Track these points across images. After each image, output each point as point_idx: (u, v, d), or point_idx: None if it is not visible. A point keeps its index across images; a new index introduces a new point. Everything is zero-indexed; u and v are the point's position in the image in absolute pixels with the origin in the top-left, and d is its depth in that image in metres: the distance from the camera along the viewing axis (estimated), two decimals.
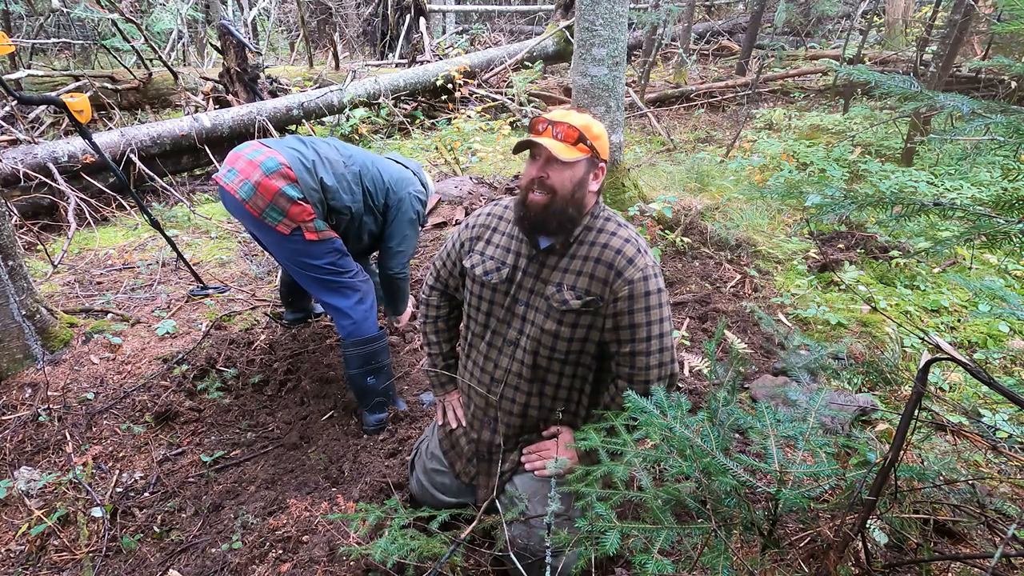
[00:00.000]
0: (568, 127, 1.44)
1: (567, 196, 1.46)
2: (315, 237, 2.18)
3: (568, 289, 1.52)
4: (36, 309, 2.59)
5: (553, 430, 1.69)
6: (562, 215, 1.48)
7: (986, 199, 4.28)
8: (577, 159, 1.45)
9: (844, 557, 1.14)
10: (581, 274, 1.52)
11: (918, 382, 1.03)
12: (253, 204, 2.10)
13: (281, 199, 2.09)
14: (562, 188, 1.46)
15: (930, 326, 3.02)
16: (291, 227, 2.14)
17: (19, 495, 2.07)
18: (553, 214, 1.47)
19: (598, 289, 1.50)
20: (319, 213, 2.19)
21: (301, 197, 2.12)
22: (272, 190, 2.08)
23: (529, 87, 6.94)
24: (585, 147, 1.46)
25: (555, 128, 1.44)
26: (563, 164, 1.44)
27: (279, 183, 2.09)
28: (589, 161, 1.49)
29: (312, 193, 2.15)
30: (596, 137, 1.48)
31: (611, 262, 1.50)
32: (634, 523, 1.14)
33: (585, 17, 3.52)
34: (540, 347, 1.56)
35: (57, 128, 5.58)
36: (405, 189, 2.49)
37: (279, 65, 8.77)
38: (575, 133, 1.44)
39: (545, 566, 1.25)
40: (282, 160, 2.12)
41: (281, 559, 1.83)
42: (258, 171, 2.09)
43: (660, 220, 3.76)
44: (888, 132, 6.00)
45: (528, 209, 1.49)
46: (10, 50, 3.62)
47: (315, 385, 2.67)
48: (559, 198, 1.46)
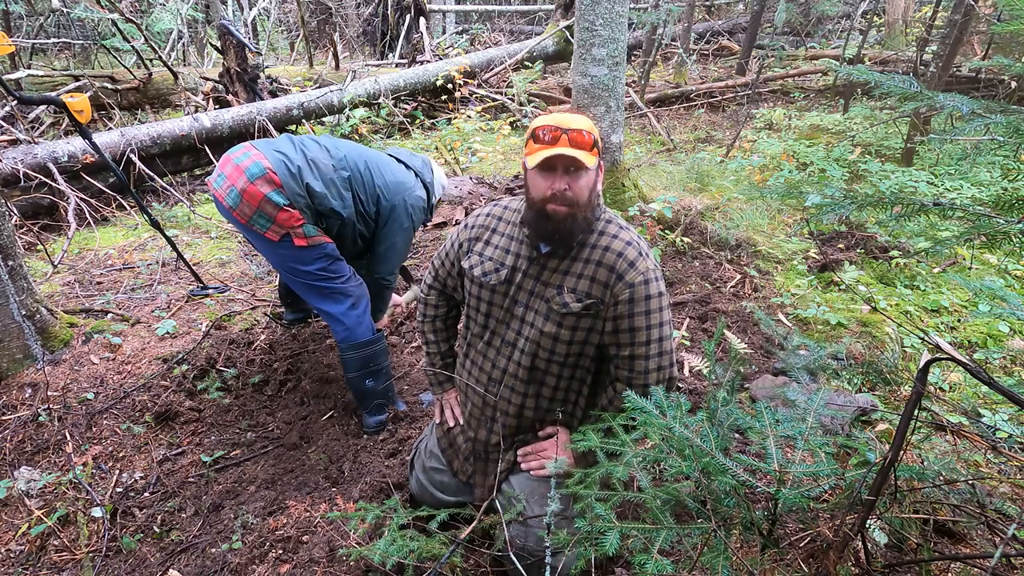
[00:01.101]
0: (579, 133, 1.40)
1: (586, 204, 1.45)
2: (305, 243, 2.15)
3: (568, 292, 1.51)
4: (36, 309, 2.59)
5: (550, 430, 1.68)
6: (584, 224, 1.47)
7: (986, 199, 4.28)
8: (595, 165, 1.45)
9: (844, 557, 1.14)
10: (582, 277, 1.51)
11: (918, 382, 1.03)
12: (240, 211, 2.08)
13: (267, 205, 2.07)
14: (582, 197, 1.43)
15: (930, 326, 3.02)
16: (280, 233, 2.11)
17: (19, 495, 2.07)
18: (577, 227, 1.46)
19: (599, 292, 1.50)
20: (308, 218, 2.15)
21: (287, 203, 2.09)
22: (258, 197, 2.05)
23: (529, 87, 6.94)
24: (597, 151, 1.45)
25: (570, 136, 1.40)
26: (581, 173, 1.42)
27: (264, 189, 2.06)
28: (599, 164, 1.49)
29: (298, 199, 2.12)
30: (598, 140, 1.48)
31: (612, 265, 1.49)
32: (634, 523, 1.14)
33: (585, 17, 3.52)
34: (539, 349, 1.56)
35: (57, 128, 5.58)
36: (398, 195, 2.38)
37: (279, 65, 8.77)
38: (591, 139, 1.41)
39: (544, 566, 1.25)
40: (267, 165, 2.08)
41: (281, 559, 1.83)
42: (243, 177, 2.06)
43: (660, 220, 3.76)
44: (888, 132, 6.00)
45: (552, 222, 1.44)
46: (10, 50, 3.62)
47: (315, 385, 2.67)
48: (581, 207, 1.44)
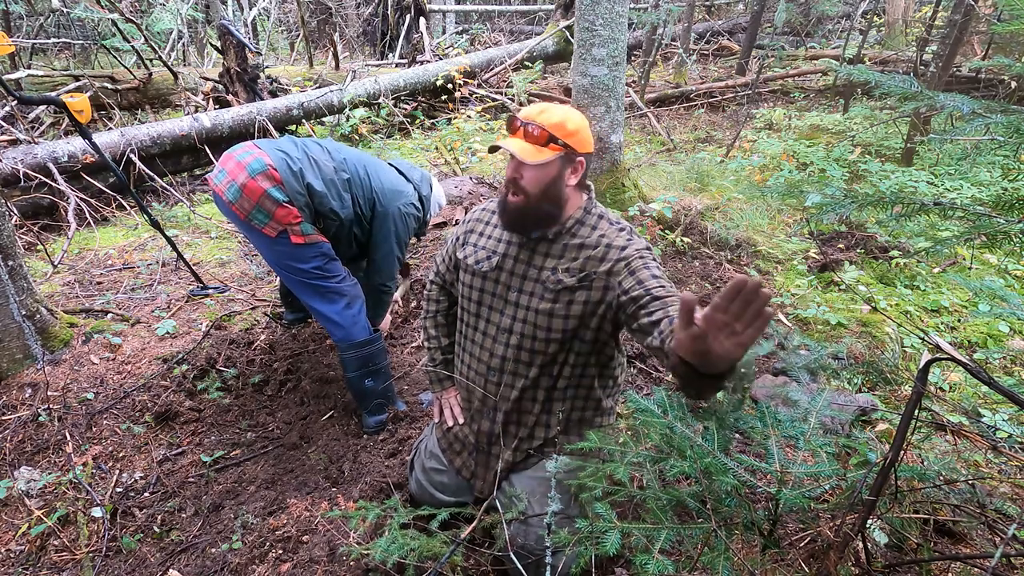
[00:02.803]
0: (538, 128, 1.44)
1: (539, 195, 1.48)
2: (301, 241, 2.16)
3: (563, 271, 1.54)
4: (36, 309, 2.59)
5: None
6: (537, 213, 1.51)
7: (986, 199, 4.28)
8: (547, 160, 1.46)
9: (844, 557, 1.14)
10: (576, 259, 1.54)
11: (918, 382, 1.03)
12: (239, 206, 2.09)
13: (267, 201, 2.08)
14: (534, 189, 1.48)
15: (930, 326, 3.02)
16: (277, 230, 2.12)
17: (19, 495, 2.07)
18: (528, 214, 1.51)
19: (593, 266, 1.52)
20: (306, 217, 2.17)
21: (287, 200, 2.10)
22: (258, 192, 2.07)
23: (529, 87, 6.94)
24: (557, 146, 1.45)
25: (527, 128, 1.45)
26: (534, 166, 1.45)
27: (264, 184, 2.07)
28: (563, 158, 1.48)
29: (298, 196, 2.13)
30: (572, 133, 1.46)
31: (609, 244, 1.52)
32: (634, 523, 1.14)
33: (585, 17, 3.52)
34: (536, 329, 1.57)
35: (57, 128, 5.58)
36: (394, 203, 2.37)
37: (279, 65, 8.77)
38: (545, 134, 1.44)
39: (545, 565, 1.25)
40: (268, 161, 2.10)
41: (281, 559, 1.83)
42: (244, 172, 2.08)
43: (660, 220, 3.76)
44: (888, 132, 6.00)
45: (506, 210, 1.54)
46: (10, 50, 3.62)
47: (315, 385, 2.67)
48: (532, 198, 1.49)
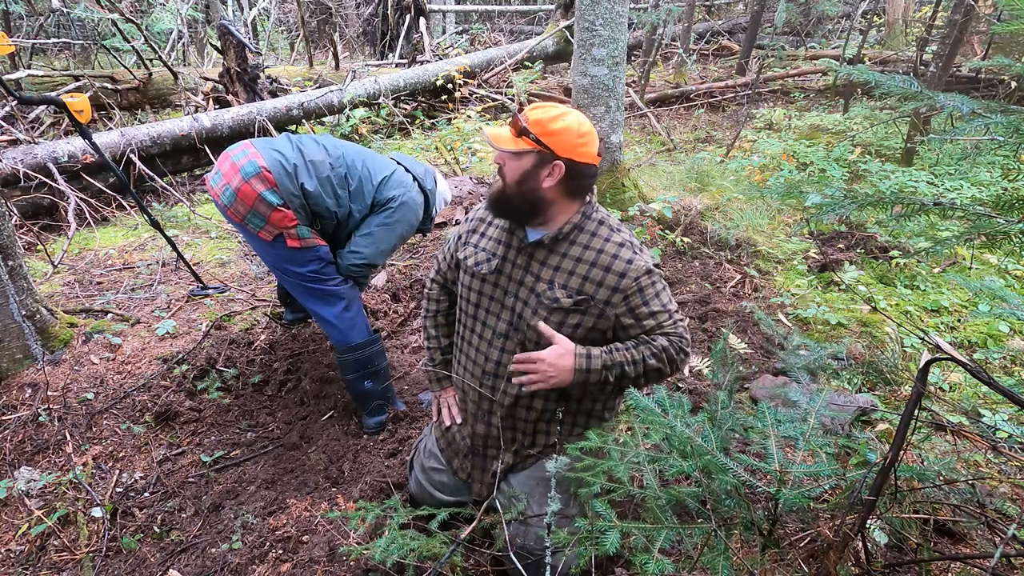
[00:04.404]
0: (517, 119, 1.48)
1: (514, 187, 1.51)
2: (298, 244, 2.16)
3: (560, 288, 1.52)
4: (36, 309, 2.59)
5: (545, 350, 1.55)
6: (510, 204, 1.54)
7: (986, 199, 4.28)
8: (520, 150, 1.47)
9: (844, 557, 1.14)
10: (573, 274, 1.52)
11: (918, 382, 1.03)
12: (235, 210, 2.09)
13: (261, 205, 2.07)
14: (510, 178, 1.51)
15: (930, 326, 3.02)
16: (273, 233, 2.12)
17: (19, 495, 2.07)
18: (505, 201, 1.55)
19: (590, 290, 1.50)
20: (302, 219, 2.16)
21: (281, 203, 2.09)
22: (252, 196, 2.06)
23: (529, 87, 6.94)
24: (529, 140, 1.45)
25: (512, 120, 1.50)
26: (510, 154, 1.50)
27: (258, 187, 2.06)
28: (537, 155, 1.47)
29: (293, 199, 2.12)
30: (550, 133, 1.44)
31: (607, 266, 1.50)
32: (634, 523, 1.14)
33: (585, 17, 3.52)
34: (528, 341, 1.57)
35: (57, 128, 5.57)
36: (391, 191, 2.31)
37: (279, 65, 8.76)
38: (519, 125, 1.48)
39: (544, 565, 1.25)
40: (262, 164, 2.08)
41: (281, 559, 1.83)
42: (238, 176, 2.07)
43: (660, 220, 3.76)
44: (888, 132, 6.00)
45: (492, 192, 1.59)
46: (10, 50, 3.62)
47: (315, 385, 2.67)
48: (508, 186, 1.52)
